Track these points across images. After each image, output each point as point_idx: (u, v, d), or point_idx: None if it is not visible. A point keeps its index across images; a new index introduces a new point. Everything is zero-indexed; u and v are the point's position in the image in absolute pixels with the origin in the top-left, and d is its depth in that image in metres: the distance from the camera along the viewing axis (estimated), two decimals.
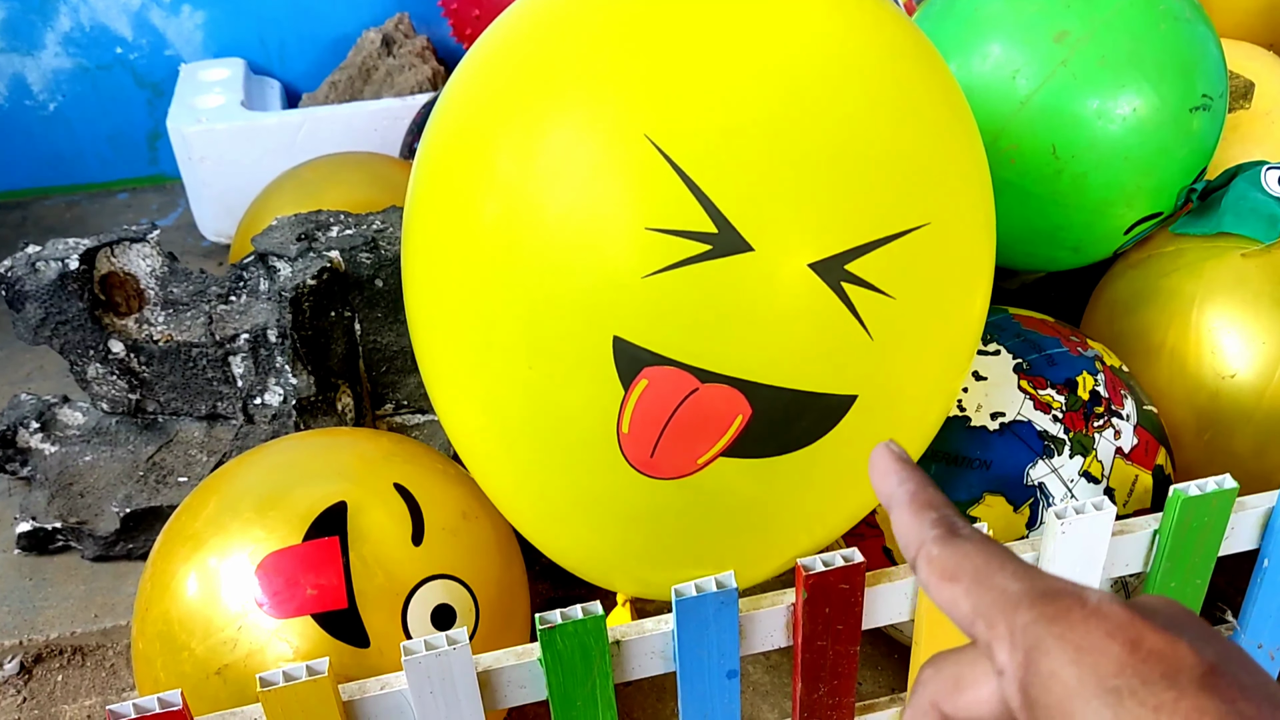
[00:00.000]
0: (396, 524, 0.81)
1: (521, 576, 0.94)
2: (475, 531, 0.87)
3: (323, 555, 0.78)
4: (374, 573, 0.78)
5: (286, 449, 0.90)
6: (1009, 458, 0.94)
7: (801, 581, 0.78)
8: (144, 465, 1.23)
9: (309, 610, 0.77)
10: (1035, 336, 1.00)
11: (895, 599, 0.84)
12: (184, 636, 0.79)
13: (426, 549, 0.81)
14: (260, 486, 0.84)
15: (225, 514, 0.82)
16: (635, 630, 0.77)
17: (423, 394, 1.25)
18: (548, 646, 0.73)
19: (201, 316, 1.24)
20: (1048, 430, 0.94)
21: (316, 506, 0.80)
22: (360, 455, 0.88)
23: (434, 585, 0.80)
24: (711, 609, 0.76)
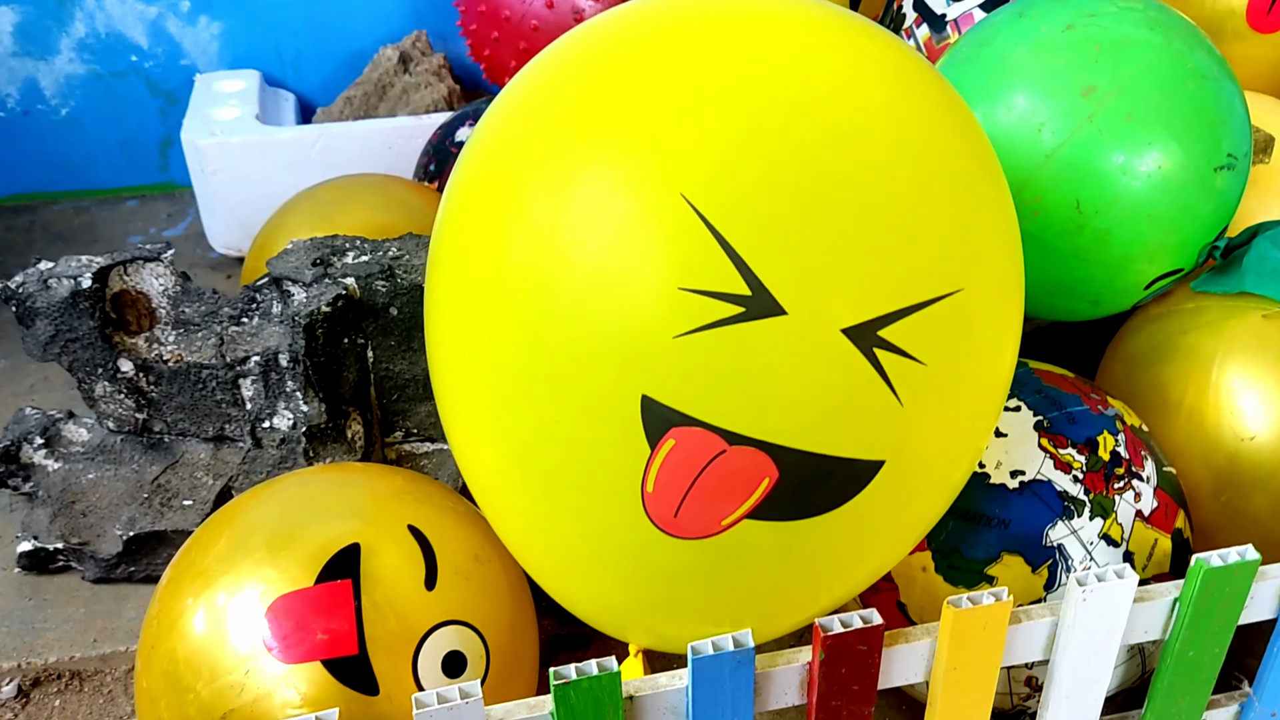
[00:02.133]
0: (410, 567, 0.80)
1: (531, 619, 0.93)
2: (487, 575, 0.86)
3: (335, 599, 0.77)
4: (386, 618, 0.77)
5: (300, 485, 0.89)
6: (1028, 517, 0.93)
7: (819, 642, 0.77)
8: (148, 487, 1.22)
9: (319, 656, 0.76)
10: (1055, 393, 1.00)
11: (912, 660, 0.83)
12: (190, 677, 0.78)
13: (439, 593, 0.80)
14: (272, 523, 0.83)
15: (236, 551, 0.81)
16: (650, 686, 0.76)
17: (433, 422, 1.24)
18: (561, 701, 0.72)
19: (213, 337, 1.23)
20: (1068, 491, 0.93)
21: (330, 547, 0.79)
22: (374, 494, 0.87)
23: (446, 631, 0.79)
24: (728, 668, 0.75)
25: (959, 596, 0.80)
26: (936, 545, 0.95)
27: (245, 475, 1.21)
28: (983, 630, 0.81)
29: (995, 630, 0.82)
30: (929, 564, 0.96)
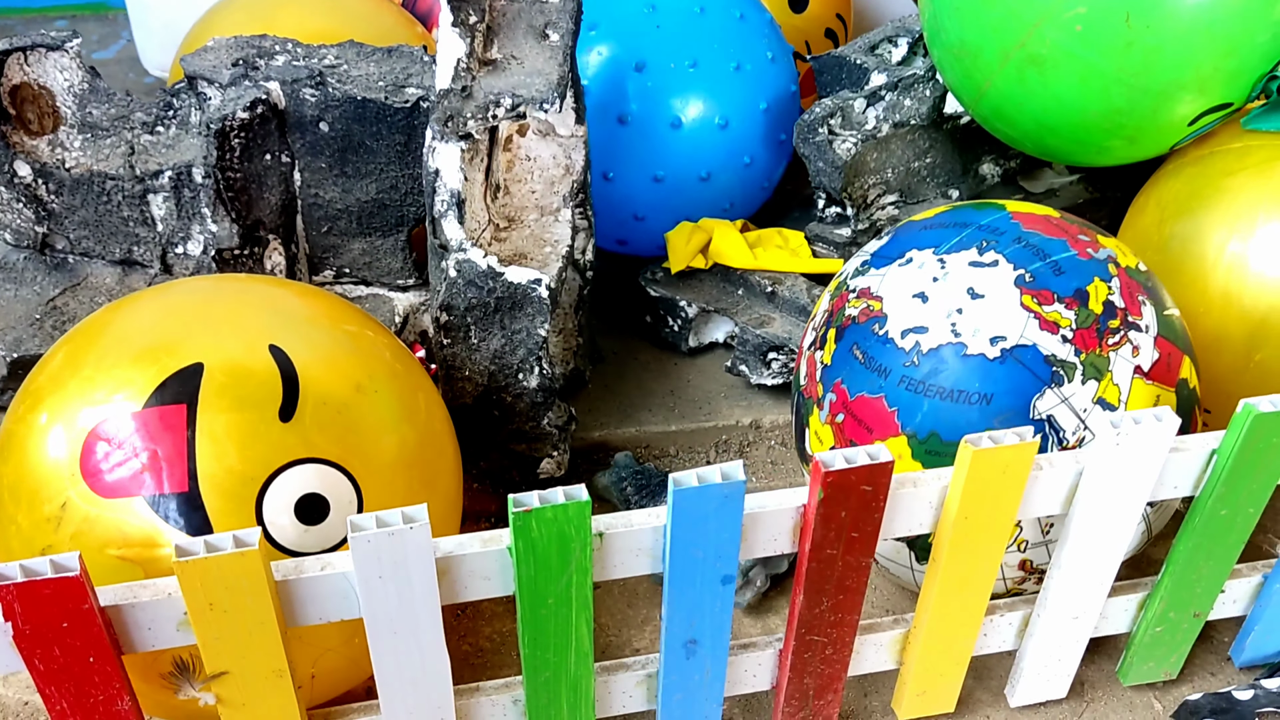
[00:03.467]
0: (262, 392, 0.68)
1: (449, 466, 0.81)
2: (373, 408, 0.73)
3: (164, 425, 0.65)
4: (224, 451, 0.65)
5: (162, 294, 0.76)
6: (1013, 389, 0.79)
7: (819, 479, 0.66)
8: (44, 308, 1.10)
9: (140, 490, 0.64)
10: (1038, 240, 0.84)
11: (919, 507, 0.73)
12: (12, 506, 0.67)
13: (297, 426, 0.68)
14: (114, 336, 0.71)
15: (68, 369, 0.69)
16: (622, 522, 0.67)
17: (367, 262, 1.11)
18: (521, 533, 0.63)
19: (122, 146, 1.09)
20: (1056, 354, 0.79)
21: (168, 366, 0.67)
22: (243, 306, 0.74)
23: (302, 470, 0.67)
24: (713, 503, 0.66)
25: (978, 435, 0.70)
26: (912, 428, 0.82)
27: None
28: (1003, 474, 0.71)
29: (1016, 474, 0.72)
30: (905, 451, 0.83)
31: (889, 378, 0.83)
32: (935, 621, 0.81)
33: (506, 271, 0.90)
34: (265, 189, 1.04)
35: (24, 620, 0.58)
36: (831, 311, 0.91)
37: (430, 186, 0.90)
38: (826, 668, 0.81)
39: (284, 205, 1.06)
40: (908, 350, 0.83)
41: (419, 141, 1.04)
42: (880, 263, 0.90)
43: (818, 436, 0.91)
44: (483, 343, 0.95)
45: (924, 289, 0.84)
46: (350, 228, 1.09)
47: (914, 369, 0.82)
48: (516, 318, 0.93)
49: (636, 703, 0.82)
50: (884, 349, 0.84)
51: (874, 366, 0.84)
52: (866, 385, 0.85)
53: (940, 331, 0.82)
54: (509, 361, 0.95)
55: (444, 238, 0.91)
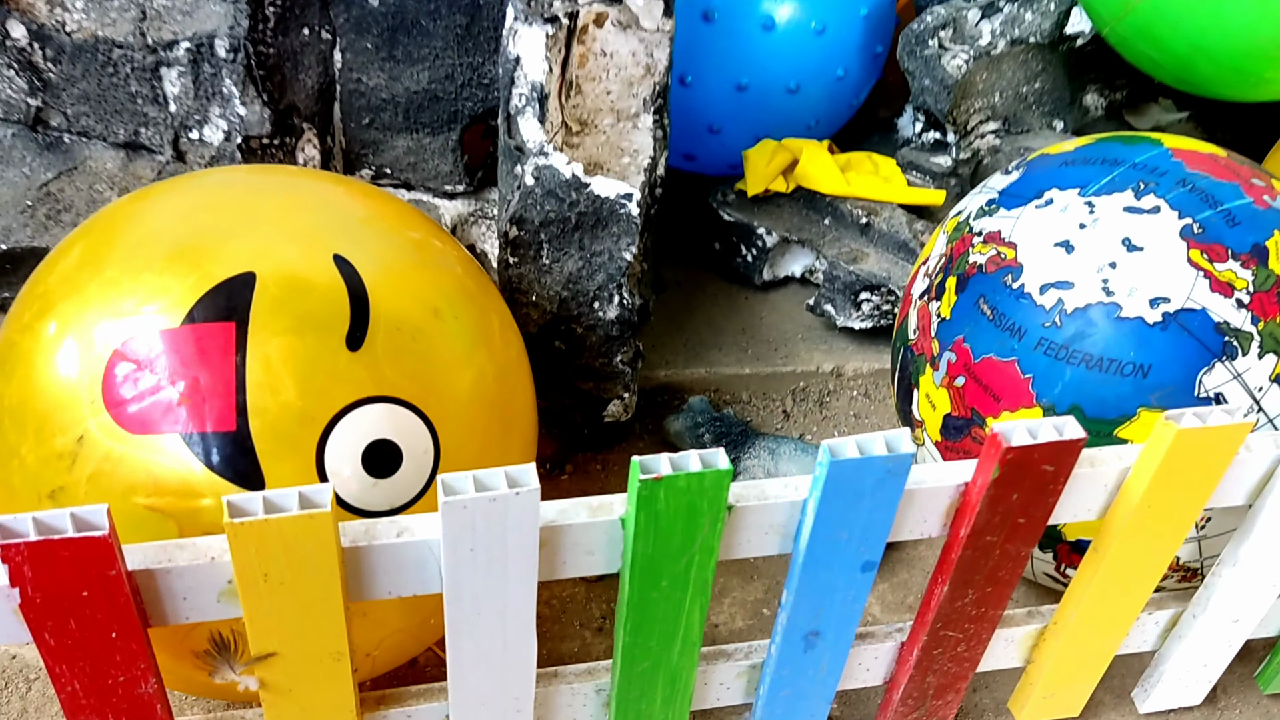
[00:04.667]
0: (326, 313, 0.56)
1: (526, 401, 0.70)
2: (450, 335, 0.61)
3: (208, 348, 0.53)
4: (281, 383, 0.53)
5: (199, 185, 0.64)
6: (1175, 360, 0.68)
7: (996, 455, 0.56)
8: (35, 193, 0.97)
9: (179, 427, 0.52)
10: (1206, 184, 0.72)
11: (1091, 492, 0.62)
12: (14, 435, 0.55)
13: (367, 355, 0.56)
14: (144, 232, 0.58)
15: (86, 268, 0.57)
16: (755, 494, 0.56)
17: (411, 163, 0.97)
18: (644, 504, 0.53)
19: (132, 9, 0.95)
20: (1229, 321, 0.68)
21: (213, 273, 0.55)
22: (300, 206, 0.61)
23: (371, 410, 0.56)
24: (873, 479, 0.55)
25: (1179, 411, 0.60)
26: (1050, 400, 0.71)
27: None
28: (1205, 458, 0.61)
29: (1220, 459, 0.61)
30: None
31: (1024, 339, 0.72)
32: (1083, 620, 0.71)
33: (593, 183, 0.78)
34: (301, 69, 0.90)
35: (35, 587, 0.47)
36: (950, 256, 0.80)
37: (508, 76, 0.77)
38: (955, 666, 0.71)
39: (321, 90, 0.92)
40: (1048, 308, 0.71)
41: (482, 25, 0.90)
42: (1012, 202, 0.78)
43: (929, 400, 0.80)
44: (556, 264, 0.82)
45: (1069, 237, 0.72)
46: (395, 121, 0.96)
47: (1055, 330, 0.71)
48: (599, 237, 0.81)
49: (734, 695, 0.72)
50: (1018, 305, 0.73)
51: (1005, 325, 0.73)
52: (996, 346, 0.73)
53: (1089, 288, 0.70)
54: (585, 288, 0.83)
55: (520, 138, 0.78)
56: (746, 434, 0.96)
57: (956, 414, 0.78)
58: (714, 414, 0.97)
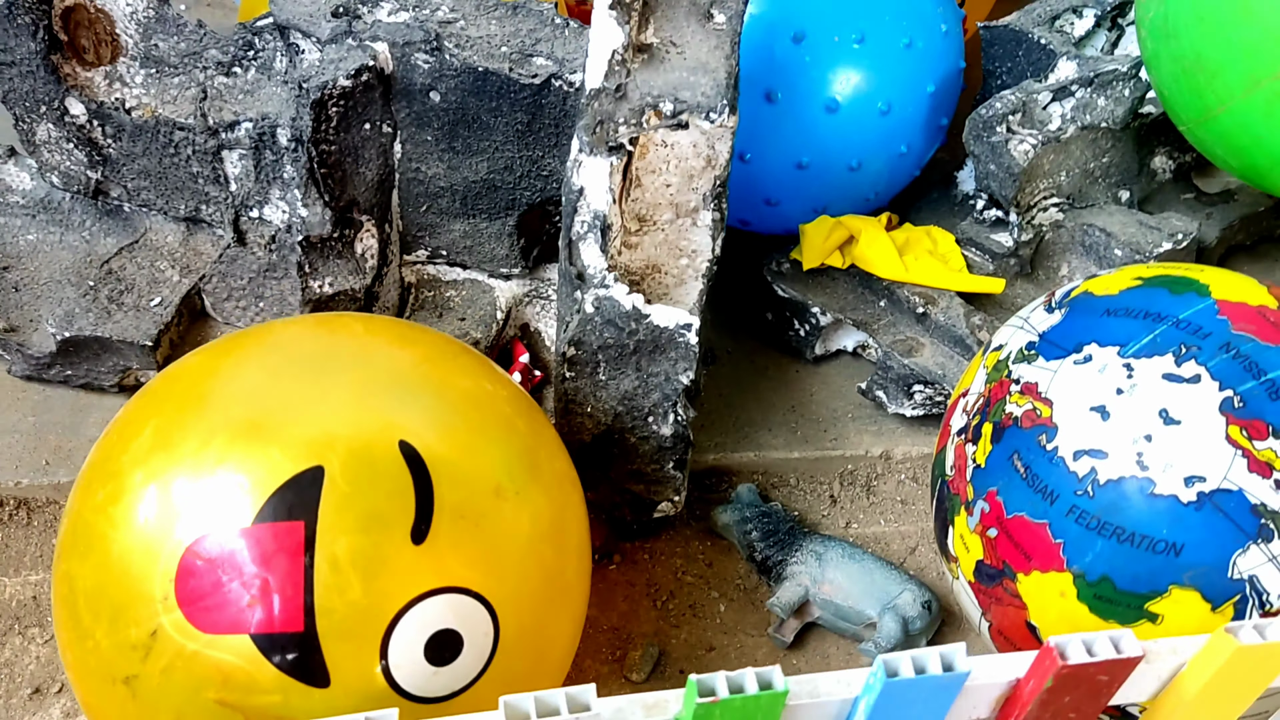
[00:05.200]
0: (393, 506, 0.57)
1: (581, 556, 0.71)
2: (511, 515, 0.63)
3: (279, 548, 0.54)
4: (348, 584, 0.55)
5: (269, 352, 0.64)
6: (1209, 541, 0.67)
7: (1050, 668, 0.57)
8: (97, 271, 0.98)
9: (248, 628, 0.54)
10: (1251, 348, 0.70)
11: (1144, 682, 0.62)
12: (89, 619, 0.57)
13: (433, 547, 0.58)
14: (214, 417, 0.59)
15: (158, 453, 0.58)
16: (808, 691, 0.57)
17: (467, 245, 0.98)
18: (700, 718, 0.54)
19: (193, 87, 0.95)
20: (1266, 503, 0.67)
21: (283, 467, 0.56)
22: (367, 382, 0.62)
23: (434, 604, 0.57)
24: (925, 693, 0.56)
25: (1239, 625, 0.59)
26: (1080, 568, 0.71)
27: (221, 278, 0.97)
28: (1264, 665, 0.61)
29: (1271, 671, 0.61)
30: (1067, 589, 0.72)
31: (1056, 504, 0.72)
32: None
33: (652, 314, 0.78)
34: (361, 163, 0.91)
35: None
36: (989, 400, 0.79)
37: (571, 206, 0.77)
38: None
39: (380, 181, 0.93)
40: (1081, 476, 0.71)
41: (544, 122, 0.90)
42: (1052, 352, 0.76)
43: (964, 543, 0.80)
44: (612, 381, 0.83)
45: (1105, 402, 0.71)
46: (453, 207, 0.96)
47: (1088, 500, 0.70)
48: (656, 361, 0.81)
49: None
50: (1052, 468, 0.72)
51: (1038, 486, 0.73)
52: (1028, 506, 0.73)
53: (1123, 461, 0.69)
54: (640, 405, 0.84)
55: (581, 265, 0.78)
56: (794, 532, 0.97)
57: (989, 563, 0.78)
58: (761, 507, 0.98)
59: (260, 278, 0.94)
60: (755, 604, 0.97)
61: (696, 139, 0.91)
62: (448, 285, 0.99)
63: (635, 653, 0.91)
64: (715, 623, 0.95)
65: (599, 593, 0.97)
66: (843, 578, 0.92)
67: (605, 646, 0.92)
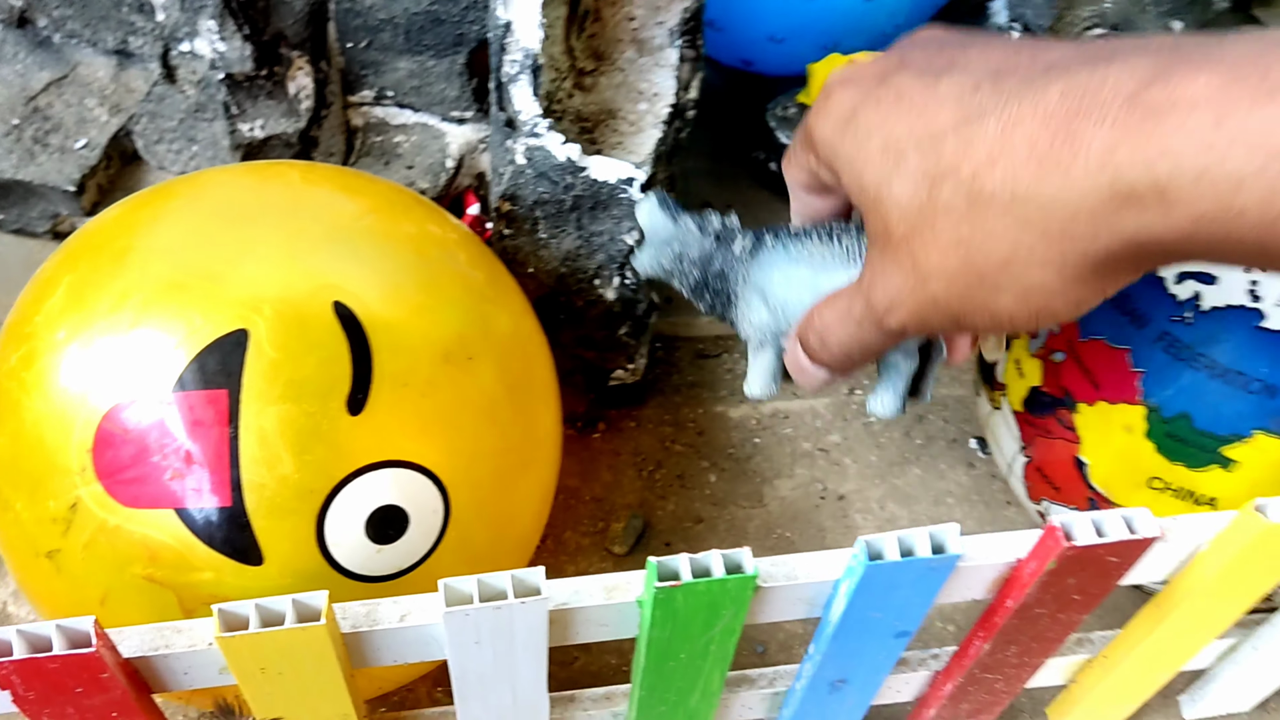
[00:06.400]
0: (326, 376, 0.56)
1: (550, 432, 0.70)
2: (464, 384, 0.62)
3: (201, 418, 0.53)
4: (277, 457, 0.54)
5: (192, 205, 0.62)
6: None
7: (1055, 550, 0.56)
8: (24, 108, 0.96)
9: (172, 503, 0.54)
10: None
11: (1160, 563, 0.62)
12: (9, 490, 0.57)
13: (371, 418, 0.57)
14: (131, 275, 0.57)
15: (71, 313, 0.56)
16: (784, 574, 0.57)
17: (415, 86, 0.94)
18: (661, 605, 0.54)
19: None
20: None
21: (205, 331, 0.55)
22: (299, 236, 0.60)
23: (373, 478, 0.57)
24: (912, 576, 0.56)
25: (1270, 501, 0.58)
26: (1158, 401, 0.69)
27: (150, 119, 0.94)
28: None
29: None
30: (1136, 423, 0.70)
31: (1146, 328, 0.69)
32: (1135, 662, 0.72)
33: (589, 166, 0.75)
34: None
35: (26, 688, 0.50)
36: None
37: (498, 43, 0.73)
38: (990, 697, 0.74)
39: (311, 13, 0.88)
40: (1182, 300, 0.68)
41: None
42: None
43: (1018, 368, 0.78)
44: (553, 240, 0.81)
45: None
46: (396, 42, 0.92)
47: (1184, 328, 0.68)
48: (598, 218, 0.78)
49: (756, 713, 0.75)
50: (1147, 290, 0.69)
51: (1127, 308, 0.70)
52: (1110, 329, 0.71)
53: (1233, 288, 0.67)
54: (584, 266, 0.82)
55: (512, 110, 0.75)
56: (726, 268, 0.57)
57: (1047, 390, 0.76)
58: (676, 227, 0.58)
59: (191, 119, 0.91)
60: (748, 473, 0.97)
61: None
62: (396, 130, 0.96)
63: (618, 525, 0.92)
64: (704, 494, 0.96)
65: (581, 462, 0.97)
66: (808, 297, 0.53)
67: (587, 519, 0.93)
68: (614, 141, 0.85)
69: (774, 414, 1.02)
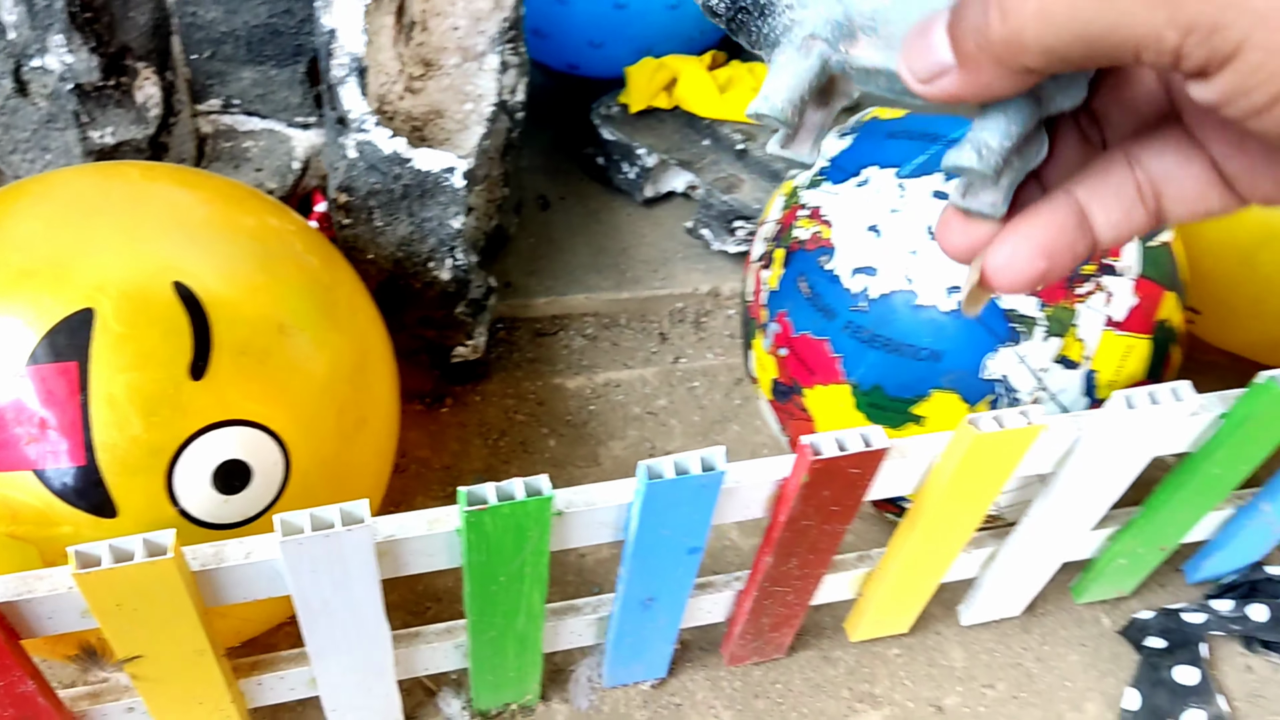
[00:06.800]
0: (168, 346, 0.62)
1: (386, 400, 0.77)
2: (296, 350, 0.68)
3: (53, 389, 0.59)
4: (126, 420, 0.60)
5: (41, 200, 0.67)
6: (965, 347, 0.76)
7: (805, 464, 0.66)
8: None
9: (29, 464, 0.59)
10: None
11: (904, 476, 0.73)
12: None
13: (212, 383, 0.62)
14: None
15: None
16: (583, 501, 0.66)
17: (259, 94, 0.99)
18: (472, 528, 0.62)
19: None
20: (1016, 308, 0.76)
21: (53, 310, 0.60)
22: (141, 225, 0.65)
23: (218, 435, 0.62)
24: (688, 493, 0.65)
25: (979, 415, 0.69)
26: (856, 379, 0.80)
27: (4, 130, 0.97)
28: (1001, 452, 0.71)
29: (1015, 451, 0.72)
30: (845, 399, 0.81)
31: (835, 320, 0.80)
32: (904, 567, 0.82)
33: (414, 157, 0.82)
34: (131, 7, 0.90)
35: None
36: (782, 226, 0.86)
37: (325, 49, 0.80)
38: (786, 609, 0.83)
39: (155, 27, 0.93)
40: (856, 293, 0.79)
41: None
42: (837, 176, 0.83)
43: (762, 364, 0.88)
44: (388, 227, 0.87)
45: (878, 221, 0.79)
46: (238, 54, 0.97)
47: (862, 315, 0.78)
48: (427, 205, 0.85)
49: (585, 639, 0.83)
50: (832, 287, 0.80)
51: (820, 305, 0.81)
52: (811, 324, 0.81)
53: (892, 276, 0.77)
54: (418, 250, 0.89)
55: (342, 110, 0.81)
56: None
57: (781, 380, 0.86)
58: None
59: (43, 129, 0.94)
60: (584, 437, 1.05)
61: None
62: (245, 135, 1.01)
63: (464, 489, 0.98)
64: (545, 457, 1.03)
65: (431, 434, 1.03)
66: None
67: (436, 484, 0.99)
68: (442, 138, 0.92)
69: (607, 383, 1.10)
